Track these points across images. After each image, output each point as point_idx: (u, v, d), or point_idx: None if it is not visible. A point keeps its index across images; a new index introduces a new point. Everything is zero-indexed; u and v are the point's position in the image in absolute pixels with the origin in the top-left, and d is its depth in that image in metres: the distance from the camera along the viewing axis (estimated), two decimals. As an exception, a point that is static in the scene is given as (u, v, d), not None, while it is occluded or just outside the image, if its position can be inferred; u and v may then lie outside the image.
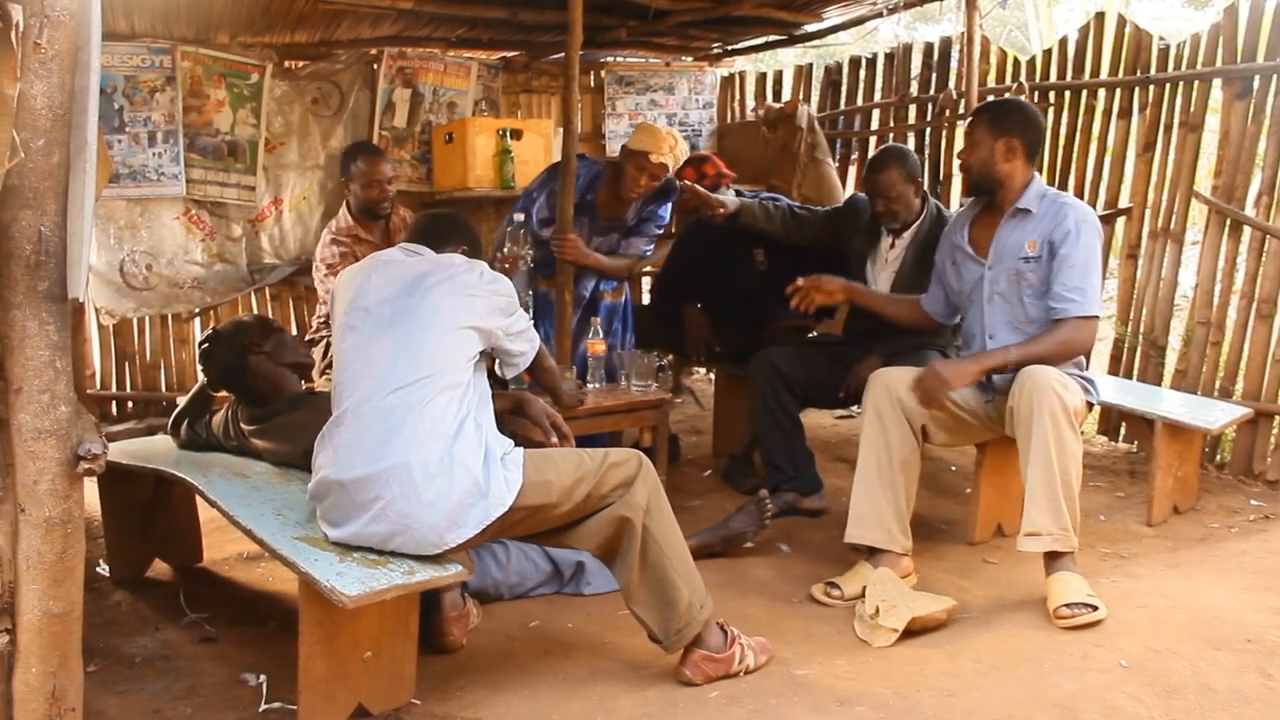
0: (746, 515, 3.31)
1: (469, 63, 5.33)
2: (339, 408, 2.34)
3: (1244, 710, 2.19)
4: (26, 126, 1.64)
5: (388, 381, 2.28)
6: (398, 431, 2.22)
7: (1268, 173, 3.93)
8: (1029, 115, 3.10)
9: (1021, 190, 3.04)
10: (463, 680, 2.45)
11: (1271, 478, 3.87)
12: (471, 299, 2.41)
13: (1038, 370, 2.82)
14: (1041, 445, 2.74)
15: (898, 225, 3.68)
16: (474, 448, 2.26)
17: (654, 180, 3.75)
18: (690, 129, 5.97)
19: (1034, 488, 2.76)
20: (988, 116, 3.11)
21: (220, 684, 2.44)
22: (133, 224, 4.72)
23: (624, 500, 2.36)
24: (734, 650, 2.44)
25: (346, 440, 2.28)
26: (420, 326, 2.33)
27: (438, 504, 2.19)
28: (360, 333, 2.38)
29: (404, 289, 2.40)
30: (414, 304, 2.37)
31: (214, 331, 3.10)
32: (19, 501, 1.74)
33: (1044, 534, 2.73)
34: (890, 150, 3.78)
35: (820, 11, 4.99)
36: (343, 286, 2.52)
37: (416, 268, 2.46)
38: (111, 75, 4.51)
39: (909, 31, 9.70)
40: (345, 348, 2.40)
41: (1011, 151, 3.02)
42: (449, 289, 2.39)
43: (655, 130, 3.71)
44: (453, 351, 2.34)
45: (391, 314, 2.37)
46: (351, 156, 4.10)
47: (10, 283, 1.69)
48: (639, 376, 3.60)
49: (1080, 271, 2.91)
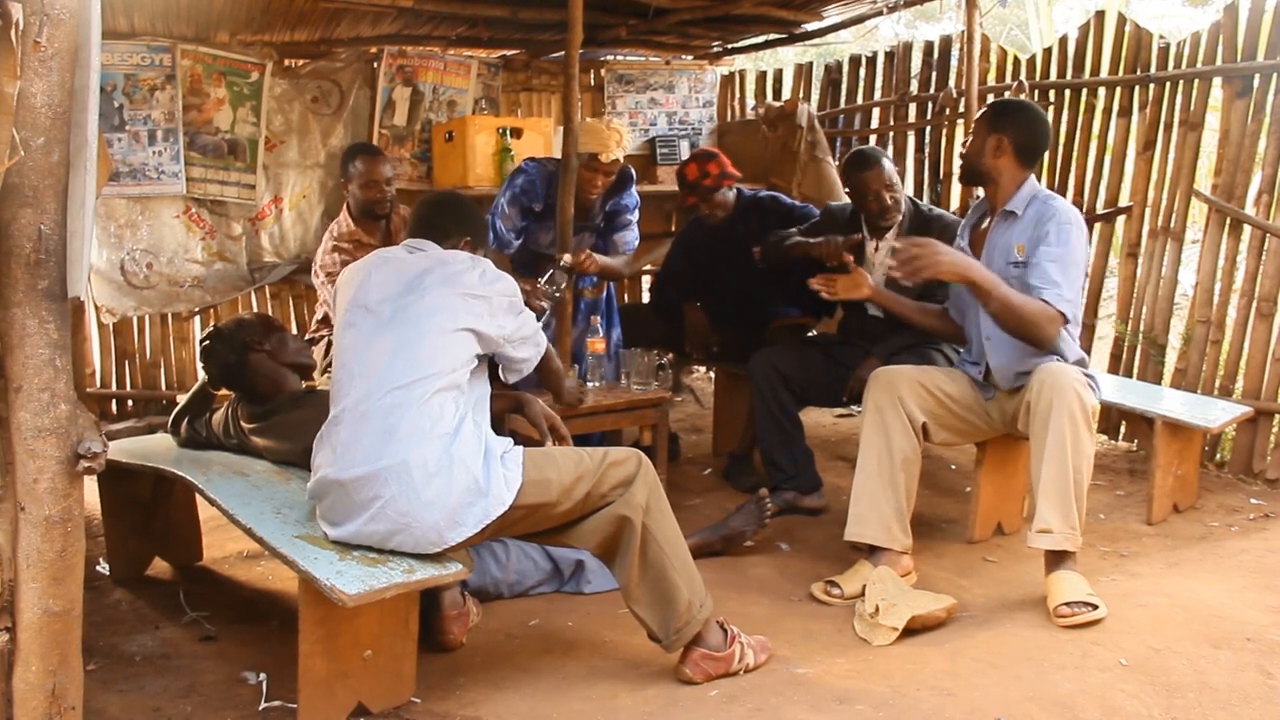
0: (747, 514, 3.31)
1: (469, 61, 5.33)
2: (337, 406, 2.34)
3: (1244, 708, 2.19)
4: (26, 125, 1.64)
5: (386, 380, 2.27)
6: (396, 430, 2.22)
7: (1268, 171, 3.93)
8: (1027, 118, 3.07)
9: (1013, 192, 3.03)
10: (463, 679, 2.45)
11: (1271, 476, 3.87)
12: (472, 300, 2.39)
13: (1060, 369, 2.81)
14: (1058, 443, 2.73)
15: (889, 221, 3.66)
16: (473, 446, 2.26)
17: (608, 177, 3.76)
18: (690, 127, 5.97)
19: (1048, 485, 2.74)
20: (990, 111, 3.13)
21: (220, 682, 2.44)
22: (133, 222, 4.71)
23: (623, 499, 2.35)
24: (734, 649, 2.44)
25: (345, 439, 2.28)
26: (420, 326, 2.33)
27: (437, 503, 2.19)
28: (359, 331, 2.38)
29: (404, 288, 2.40)
30: (413, 302, 2.36)
31: (215, 329, 3.09)
32: (19, 500, 1.74)
33: (1055, 532, 2.73)
34: (867, 149, 3.82)
35: (820, 10, 4.99)
36: (344, 284, 2.52)
37: (417, 265, 2.45)
38: (111, 73, 4.51)
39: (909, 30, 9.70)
40: (344, 345, 2.40)
41: (1000, 149, 3.01)
42: (449, 289, 2.39)
43: (598, 129, 3.69)
44: (451, 352, 2.33)
45: (391, 313, 2.37)
46: (350, 157, 4.07)
47: (10, 281, 1.69)
48: (639, 375, 3.60)
49: (1059, 267, 2.86)
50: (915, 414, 3.04)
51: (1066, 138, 4.69)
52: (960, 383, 3.15)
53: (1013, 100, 3.30)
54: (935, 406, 3.08)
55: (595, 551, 2.44)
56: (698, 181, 4.08)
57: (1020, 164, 3.02)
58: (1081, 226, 2.95)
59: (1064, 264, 2.87)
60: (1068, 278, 2.86)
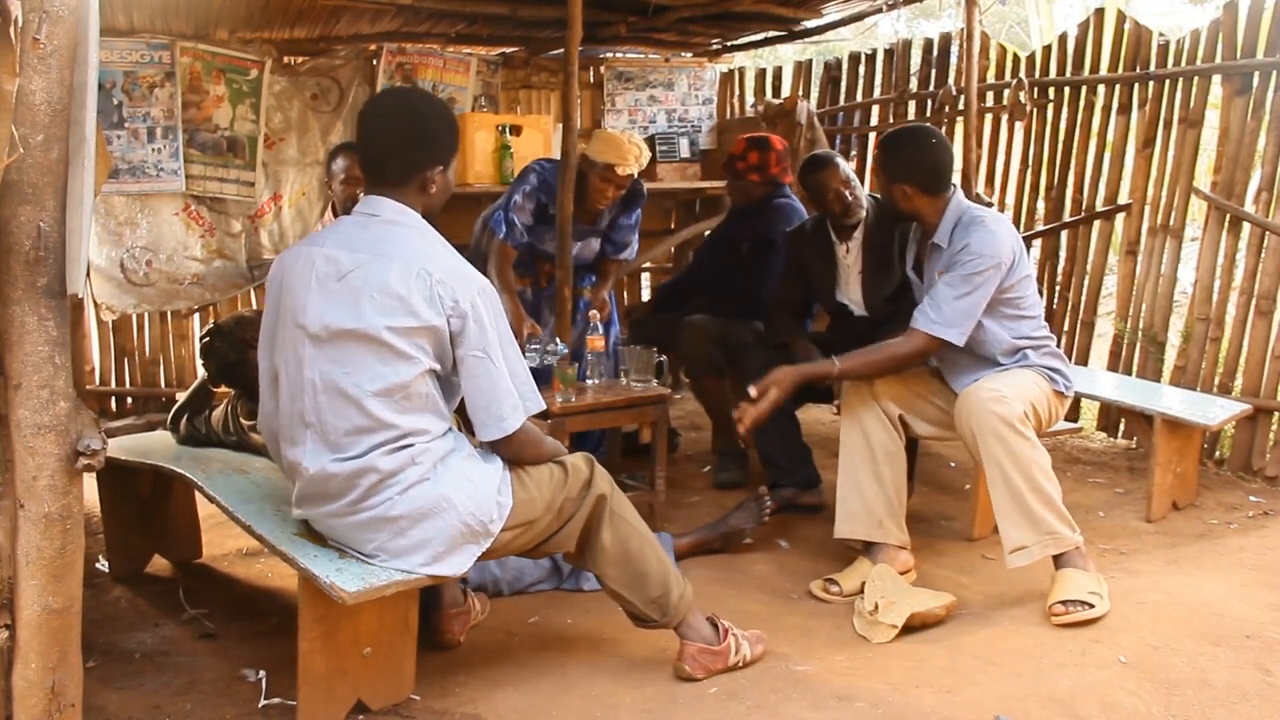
0: (746, 512, 3.31)
1: (468, 58, 5.32)
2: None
3: (1242, 706, 2.20)
4: (25, 122, 1.64)
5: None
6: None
7: (1267, 169, 3.93)
8: (916, 151, 2.98)
9: (937, 222, 2.99)
10: (462, 676, 2.45)
11: (1271, 474, 3.87)
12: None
13: (967, 395, 2.84)
14: (995, 466, 2.75)
15: (854, 219, 3.61)
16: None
17: (619, 190, 3.77)
18: (690, 125, 5.96)
19: (1001, 506, 2.76)
20: (882, 162, 3.07)
21: (220, 680, 2.45)
22: (132, 220, 4.71)
23: (591, 491, 2.35)
24: (729, 641, 2.44)
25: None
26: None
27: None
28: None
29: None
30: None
31: (215, 326, 3.09)
32: (18, 497, 1.74)
33: (1028, 545, 2.73)
34: (819, 152, 3.80)
35: (820, 7, 4.98)
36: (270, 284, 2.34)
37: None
38: (110, 71, 4.50)
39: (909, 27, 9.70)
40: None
41: (907, 196, 2.98)
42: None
43: (618, 140, 3.69)
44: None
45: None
46: (333, 156, 3.95)
47: (9, 278, 1.69)
48: (638, 372, 3.59)
49: (949, 292, 2.86)
50: (891, 408, 3.04)
51: (1066, 135, 4.69)
52: (934, 377, 3.15)
53: (894, 138, 3.13)
54: (911, 399, 3.08)
55: (573, 546, 2.39)
56: (730, 162, 4.12)
57: (933, 196, 2.98)
58: (993, 256, 2.85)
59: (957, 291, 2.85)
60: (956, 306, 2.85)
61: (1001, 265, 2.87)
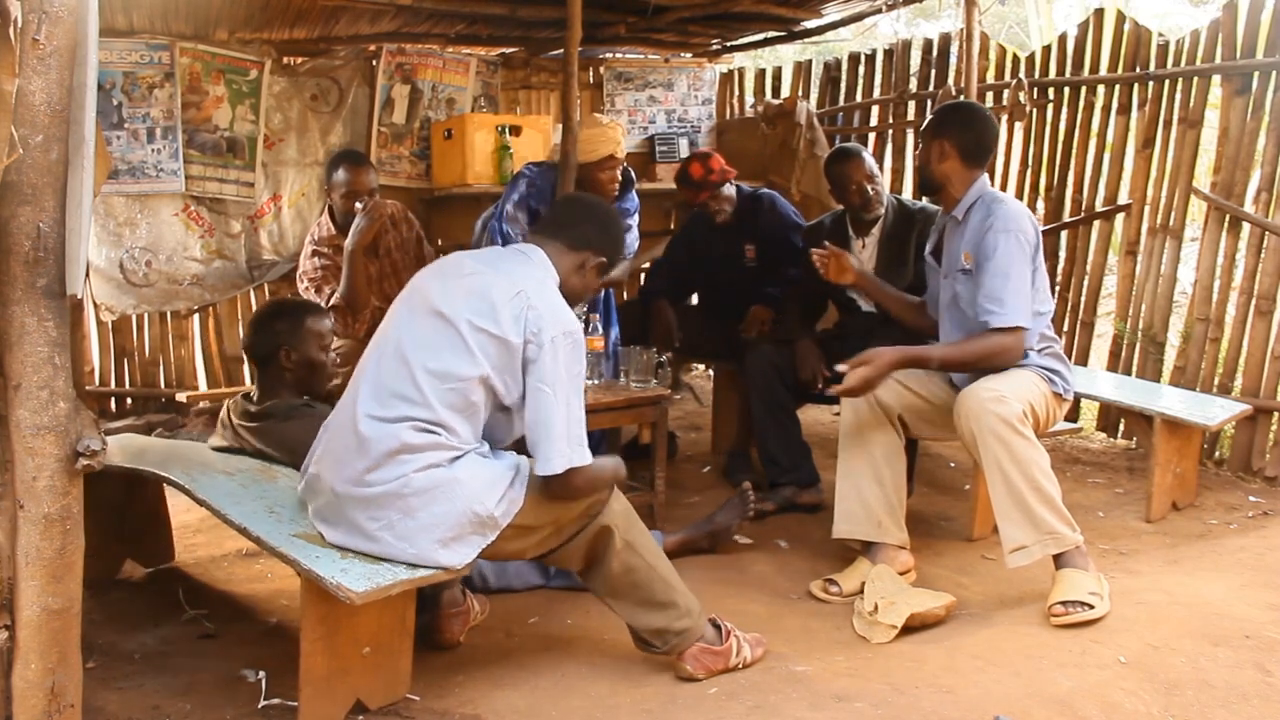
0: (730, 509, 3.30)
1: (468, 59, 5.33)
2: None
3: (1242, 706, 2.20)
4: (25, 123, 1.64)
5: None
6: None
7: (1267, 169, 3.93)
8: (969, 118, 3.05)
9: (961, 196, 3.01)
10: (461, 676, 2.45)
11: (1270, 474, 3.87)
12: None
13: (966, 395, 2.83)
14: (994, 465, 2.75)
15: (873, 214, 3.65)
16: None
17: (616, 172, 3.76)
18: (689, 125, 5.96)
19: (1001, 506, 2.76)
20: (934, 119, 3.12)
21: (219, 680, 2.44)
22: (132, 220, 4.71)
23: (597, 520, 2.36)
24: (730, 642, 2.44)
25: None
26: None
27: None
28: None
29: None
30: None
31: (278, 303, 2.99)
32: (18, 498, 1.74)
33: (1027, 545, 2.73)
34: (847, 145, 3.84)
35: (819, 8, 4.99)
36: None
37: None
38: (110, 71, 4.50)
39: (908, 28, 9.70)
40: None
41: (944, 154, 3.00)
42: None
43: (602, 130, 3.67)
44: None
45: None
46: (334, 165, 3.92)
47: (9, 279, 1.69)
48: (638, 373, 3.59)
49: (1000, 281, 2.85)
50: (891, 407, 3.04)
51: (1066, 135, 4.69)
52: (935, 376, 3.15)
53: (955, 103, 3.31)
54: (911, 399, 3.08)
55: (579, 567, 2.43)
56: (704, 178, 4.08)
57: (966, 166, 3.00)
58: (1022, 230, 2.89)
59: (1003, 277, 2.85)
60: (1008, 289, 2.85)
61: (1027, 235, 2.90)
